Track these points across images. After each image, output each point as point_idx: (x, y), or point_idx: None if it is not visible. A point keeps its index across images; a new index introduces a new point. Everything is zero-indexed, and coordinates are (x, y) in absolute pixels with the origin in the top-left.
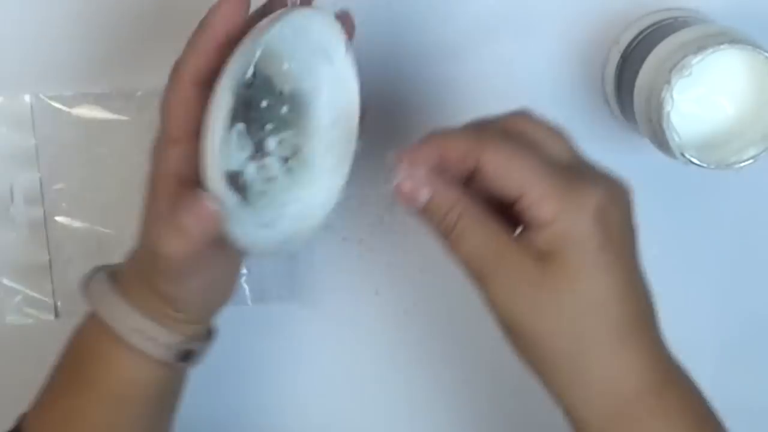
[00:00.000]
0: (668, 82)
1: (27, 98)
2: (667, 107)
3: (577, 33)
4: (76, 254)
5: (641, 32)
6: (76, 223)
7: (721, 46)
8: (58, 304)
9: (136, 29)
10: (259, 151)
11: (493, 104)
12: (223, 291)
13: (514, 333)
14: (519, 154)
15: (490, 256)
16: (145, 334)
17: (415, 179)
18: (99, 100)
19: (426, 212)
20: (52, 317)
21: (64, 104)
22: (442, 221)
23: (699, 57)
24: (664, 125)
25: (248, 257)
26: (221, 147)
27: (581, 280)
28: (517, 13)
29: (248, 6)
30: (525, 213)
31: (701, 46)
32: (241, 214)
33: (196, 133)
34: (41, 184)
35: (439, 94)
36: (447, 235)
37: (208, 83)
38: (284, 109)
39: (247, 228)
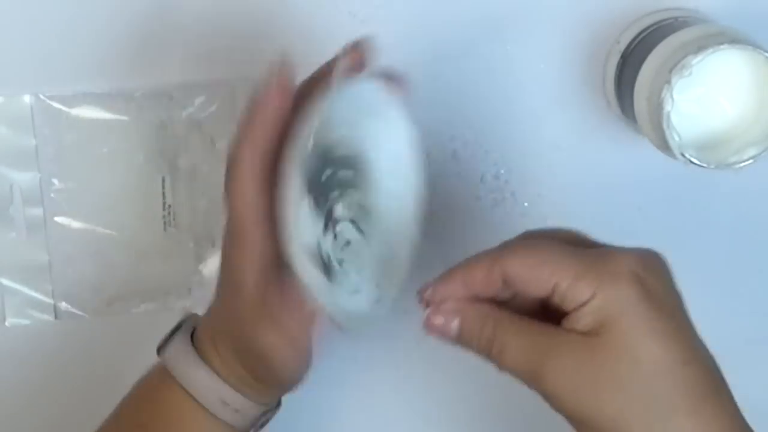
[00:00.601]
0: (668, 82)
1: (27, 98)
2: (667, 107)
3: (577, 33)
4: (76, 254)
5: (641, 32)
6: (76, 223)
7: (721, 46)
8: (58, 304)
9: (136, 29)
10: (329, 220)
11: (494, 104)
12: (307, 361)
13: (586, 423)
14: (539, 249)
15: (538, 353)
16: (231, 406)
17: (441, 312)
18: (99, 100)
19: (462, 339)
20: (51, 318)
21: (64, 104)
22: (480, 340)
23: (699, 57)
24: (664, 125)
25: (349, 333)
26: (300, 224)
27: (638, 347)
28: (517, 13)
29: (292, 89)
30: (564, 302)
31: (701, 46)
32: (330, 290)
33: (267, 218)
34: (41, 184)
35: (440, 94)
36: (490, 351)
37: (266, 170)
38: (343, 174)
39: (339, 301)
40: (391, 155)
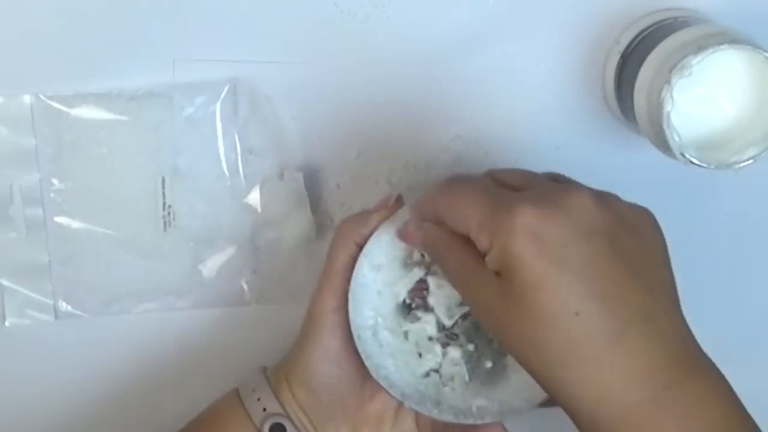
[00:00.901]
0: (668, 82)
1: (27, 98)
2: (667, 107)
3: (577, 33)
4: (76, 254)
5: (641, 32)
6: (76, 223)
7: (721, 46)
8: (58, 304)
9: (136, 29)
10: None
11: (494, 104)
12: None
13: (504, 348)
14: (458, 193)
15: (464, 279)
16: None
17: (410, 226)
18: (99, 100)
19: (423, 246)
20: (51, 318)
21: (64, 104)
22: (433, 252)
23: (699, 57)
24: (664, 125)
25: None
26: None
27: (528, 297)
28: (517, 13)
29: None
30: (477, 246)
31: (701, 46)
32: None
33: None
34: (41, 184)
35: (440, 94)
36: (440, 261)
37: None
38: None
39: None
40: None
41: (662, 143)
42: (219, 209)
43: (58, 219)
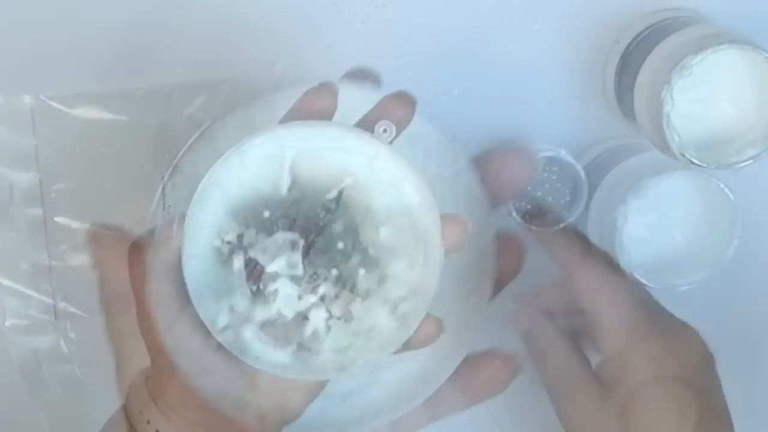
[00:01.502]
0: (668, 82)
1: (27, 98)
2: (667, 107)
3: (577, 33)
4: (76, 254)
5: (641, 32)
6: (76, 223)
7: (721, 46)
8: (58, 304)
9: (136, 29)
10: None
11: (494, 104)
12: None
13: None
14: (607, 278)
15: (565, 380)
16: None
17: (522, 313)
18: (99, 100)
19: (527, 336)
20: (51, 318)
21: (64, 104)
22: (533, 343)
23: (699, 57)
24: (664, 125)
25: None
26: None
27: (633, 412)
28: (517, 13)
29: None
30: (595, 339)
31: (701, 46)
32: None
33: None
34: (41, 184)
35: (440, 94)
36: (537, 356)
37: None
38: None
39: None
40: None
41: (662, 143)
42: None
43: (58, 219)
